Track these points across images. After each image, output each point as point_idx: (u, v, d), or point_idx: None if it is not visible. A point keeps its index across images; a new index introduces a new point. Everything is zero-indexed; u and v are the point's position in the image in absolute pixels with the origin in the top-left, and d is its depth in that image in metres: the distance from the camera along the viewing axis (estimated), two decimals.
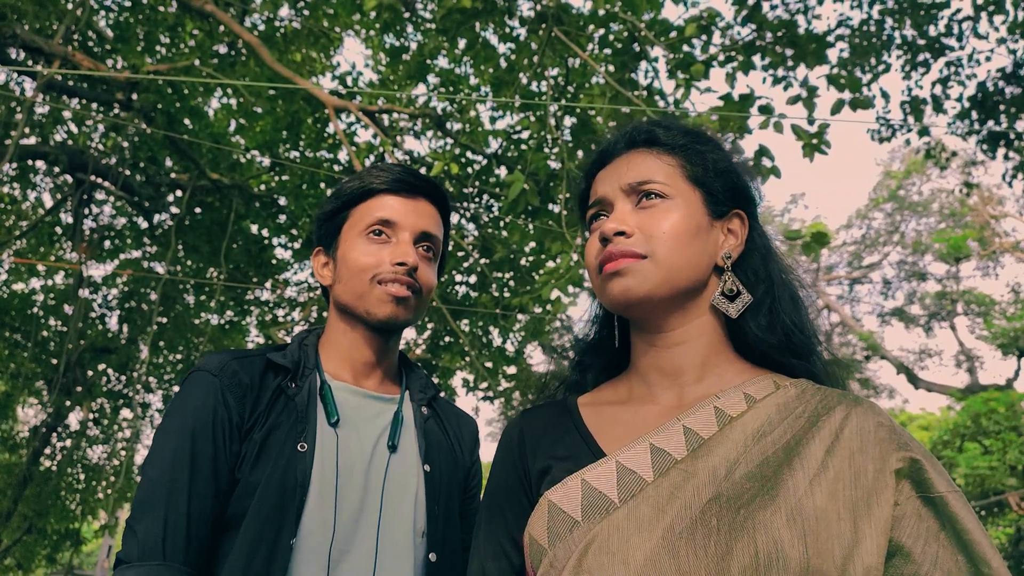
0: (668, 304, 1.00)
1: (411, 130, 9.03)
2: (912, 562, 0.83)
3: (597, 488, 0.91)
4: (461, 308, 8.98)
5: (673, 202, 1.02)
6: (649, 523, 0.85)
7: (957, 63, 8.65)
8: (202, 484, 1.17)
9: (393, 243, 1.36)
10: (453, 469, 1.40)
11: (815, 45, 5.68)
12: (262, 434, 1.22)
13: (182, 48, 8.89)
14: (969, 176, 11.76)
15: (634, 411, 1.01)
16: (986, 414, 16.75)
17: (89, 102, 8.40)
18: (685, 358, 1.01)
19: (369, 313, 1.33)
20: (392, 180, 1.40)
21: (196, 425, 1.20)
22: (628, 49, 5.78)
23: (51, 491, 10.64)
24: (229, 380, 1.25)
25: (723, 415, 0.93)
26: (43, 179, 9.82)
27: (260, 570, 1.13)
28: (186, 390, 1.26)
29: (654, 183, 1.03)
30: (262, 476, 1.18)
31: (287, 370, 1.31)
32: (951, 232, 22.01)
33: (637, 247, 0.99)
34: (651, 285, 0.98)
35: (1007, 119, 8.45)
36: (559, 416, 1.08)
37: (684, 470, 0.88)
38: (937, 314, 22.55)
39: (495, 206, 8.79)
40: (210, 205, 9.22)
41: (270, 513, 1.16)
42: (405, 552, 1.25)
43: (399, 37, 8.63)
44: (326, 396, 1.30)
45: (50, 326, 10.35)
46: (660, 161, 1.05)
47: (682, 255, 0.99)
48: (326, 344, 1.40)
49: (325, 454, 1.24)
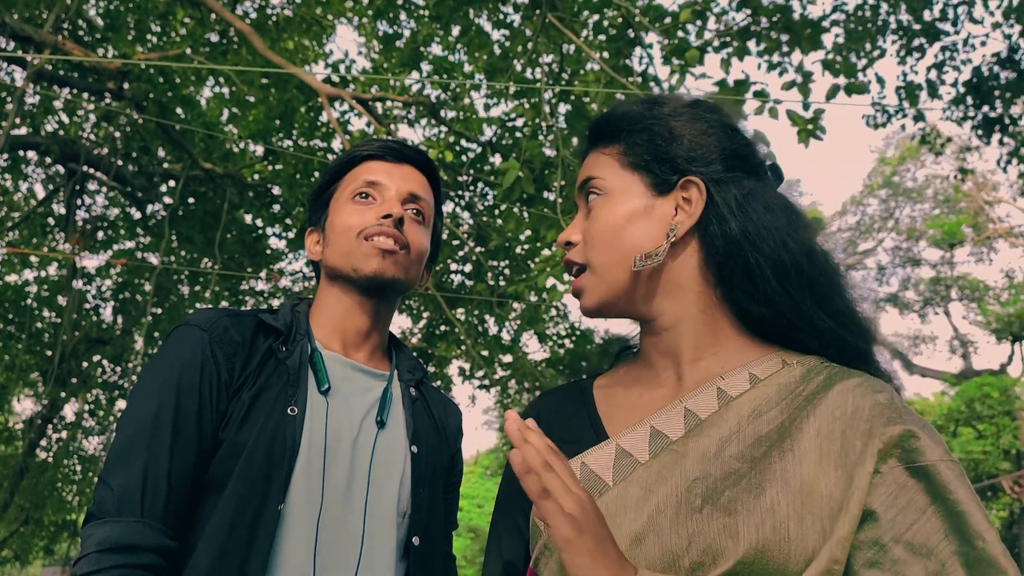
0: (628, 299, 0.98)
1: (405, 118, 8.99)
2: (876, 527, 0.78)
3: (594, 471, 0.91)
4: (457, 296, 8.97)
5: (608, 197, 0.99)
6: (637, 504, 0.85)
7: (952, 48, 8.64)
8: (185, 442, 1.11)
9: (379, 202, 1.34)
10: (438, 454, 1.37)
11: (810, 30, 5.66)
12: (251, 395, 1.18)
13: (173, 36, 8.83)
14: (964, 162, 11.75)
15: (640, 393, 1.00)
16: (980, 399, 16.86)
17: (80, 91, 8.34)
18: (677, 340, 0.97)
19: (356, 270, 1.29)
20: (378, 147, 1.39)
21: (182, 380, 1.14)
22: (623, 35, 5.76)
23: (47, 482, 10.65)
24: (219, 336, 1.20)
25: (724, 396, 0.91)
26: (35, 170, 9.77)
27: (245, 535, 1.08)
28: (172, 344, 1.20)
29: (591, 180, 1.01)
30: (249, 438, 1.14)
31: (278, 333, 1.27)
32: (945, 218, 22.05)
33: (578, 257, 1.00)
34: (597, 296, 0.98)
35: (1002, 104, 8.44)
36: (572, 398, 1.08)
37: (675, 451, 0.87)
38: (931, 300, 22.62)
39: (490, 194, 8.77)
40: (203, 195, 9.18)
41: (257, 477, 1.12)
42: (389, 532, 1.23)
43: (392, 24, 8.58)
44: (316, 363, 1.26)
45: (44, 317, 10.31)
46: (602, 156, 1.02)
47: (615, 252, 0.95)
48: (316, 313, 1.36)
49: (315, 421, 1.20)
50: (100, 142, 8.85)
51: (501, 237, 7.90)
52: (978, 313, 21.12)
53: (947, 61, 8.67)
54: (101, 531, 1.02)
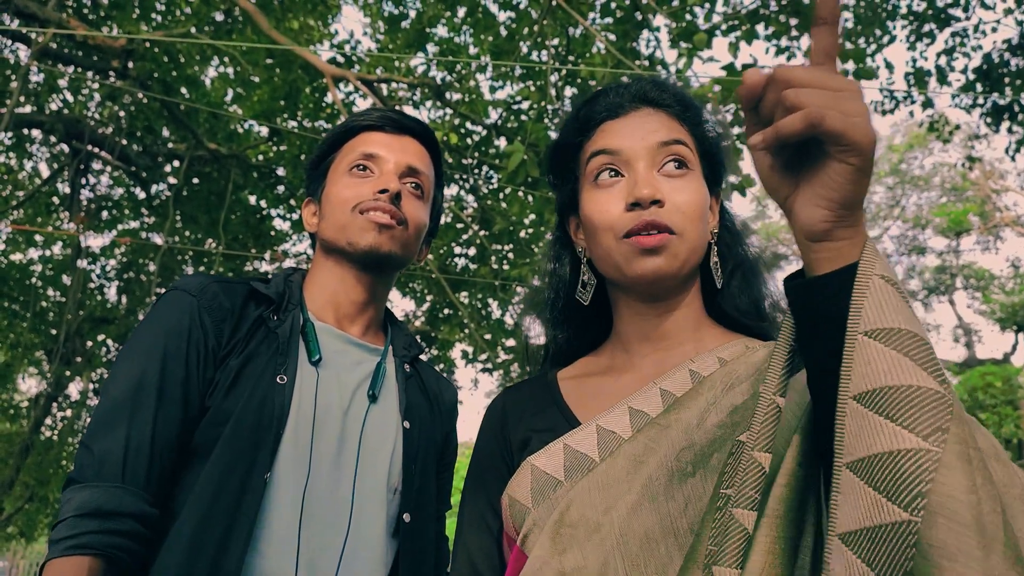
0: (685, 278, 1.00)
1: (410, 99, 8.95)
2: None
3: (579, 450, 0.92)
4: (460, 280, 8.97)
5: (694, 174, 1.00)
6: (627, 475, 0.86)
7: (963, 34, 8.55)
8: (170, 407, 1.09)
9: (376, 175, 1.31)
10: (431, 432, 1.35)
11: None
12: (239, 362, 1.15)
13: (178, 15, 8.78)
14: (972, 150, 11.68)
15: (613, 380, 1.02)
16: (983, 388, 16.86)
17: (85, 70, 8.31)
18: (671, 324, 1.02)
19: (351, 243, 1.27)
20: (377, 117, 1.36)
21: (168, 345, 1.12)
22: (630, 17, 5.71)
23: (52, 460, 10.73)
24: (209, 302, 1.17)
25: (697, 376, 0.95)
26: (39, 148, 9.76)
27: (230, 503, 1.06)
28: (160, 308, 1.18)
29: (681, 147, 0.99)
30: (236, 405, 1.11)
31: (270, 301, 1.24)
32: (952, 206, 21.95)
33: (670, 221, 0.95)
34: (680, 263, 0.96)
35: (1012, 91, 8.37)
36: (540, 391, 1.08)
37: (658, 424, 0.89)
38: (936, 288, 22.56)
39: (494, 177, 8.74)
40: (208, 175, 9.17)
41: (243, 445, 1.09)
42: (378, 507, 1.20)
43: (398, 5, 8.52)
44: (308, 334, 1.24)
45: (49, 296, 10.35)
46: (681, 127, 1.02)
47: (700, 233, 0.99)
48: (311, 284, 1.33)
49: (304, 390, 1.17)
50: (105, 121, 8.83)
51: (505, 220, 7.89)
52: (983, 302, 21.07)
53: (957, 47, 8.59)
54: (80, 495, 1.01)
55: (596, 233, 1.00)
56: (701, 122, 1.04)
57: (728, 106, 4.83)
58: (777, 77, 0.67)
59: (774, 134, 0.67)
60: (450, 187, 8.79)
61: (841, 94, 0.65)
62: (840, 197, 0.67)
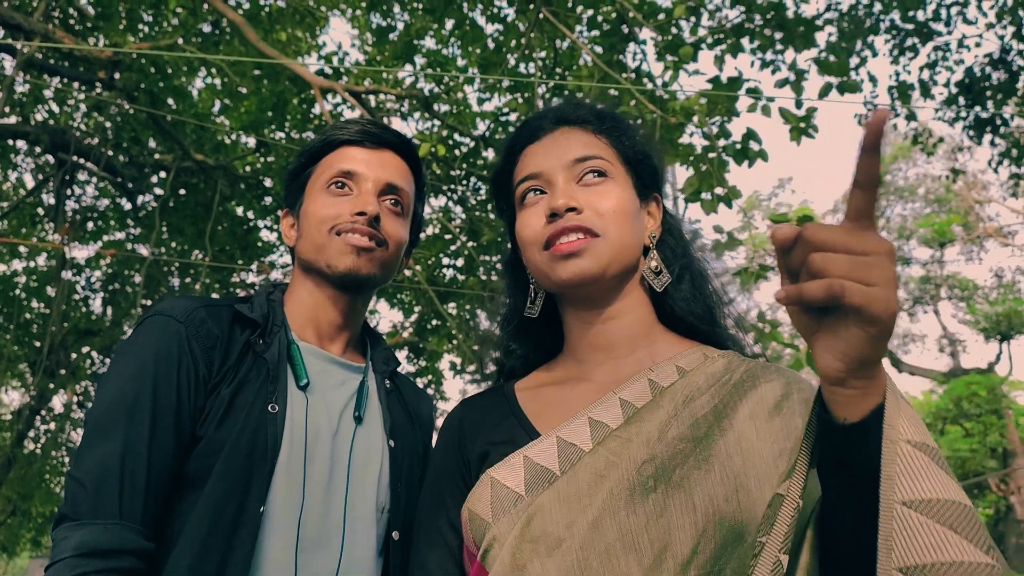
0: (613, 280, 1.02)
1: (398, 111, 8.95)
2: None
3: (539, 463, 0.92)
4: (448, 291, 8.96)
5: (614, 181, 1.04)
6: (589, 489, 0.86)
7: (945, 48, 8.66)
8: (164, 438, 1.06)
9: (355, 194, 1.28)
10: (414, 447, 1.34)
11: (803, 28, 5.67)
12: (230, 391, 1.13)
13: (165, 26, 8.76)
14: (955, 162, 11.80)
15: (570, 390, 1.03)
16: (968, 397, 16.97)
17: (70, 80, 8.27)
18: (618, 332, 1.03)
19: (330, 266, 1.25)
20: (356, 131, 1.33)
21: (159, 373, 1.08)
22: (617, 30, 5.75)
23: (36, 474, 10.59)
24: (197, 329, 1.14)
25: (656, 386, 0.96)
26: (24, 159, 9.69)
27: (226, 534, 1.04)
28: (145, 334, 1.14)
29: (598, 160, 1.04)
30: (229, 436, 1.09)
31: (255, 324, 1.22)
32: (936, 217, 22.15)
33: (589, 224, 0.99)
34: (604, 264, 0.99)
35: (994, 105, 8.47)
36: (497, 403, 1.09)
37: (619, 436, 0.90)
38: (921, 299, 22.73)
39: (482, 188, 8.75)
40: (195, 186, 9.13)
41: (237, 476, 1.07)
42: (369, 527, 1.20)
43: (385, 17, 8.54)
44: (294, 357, 1.22)
45: (33, 308, 10.25)
46: (597, 140, 1.06)
47: (626, 235, 1.01)
48: (291, 302, 1.31)
49: (295, 418, 1.16)
50: (90, 132, 8.78)
51: (493, 232, 7.89)
52: (967, 312, 21.24)
53: (940, 61, 8.69)
54: (77, 534, 0.97)
55: (525, 249, 1.05)
56: (621, 133, 1.08)
57: (714, 118, 4.86)
58: (806, 237, 0.68)
59: (797, 296, 0.68)
60: (438, 198, 8.80)
61: (868, 260, 0.66)
62: (856, 355, 0.69)
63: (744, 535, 0.80)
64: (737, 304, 1.12)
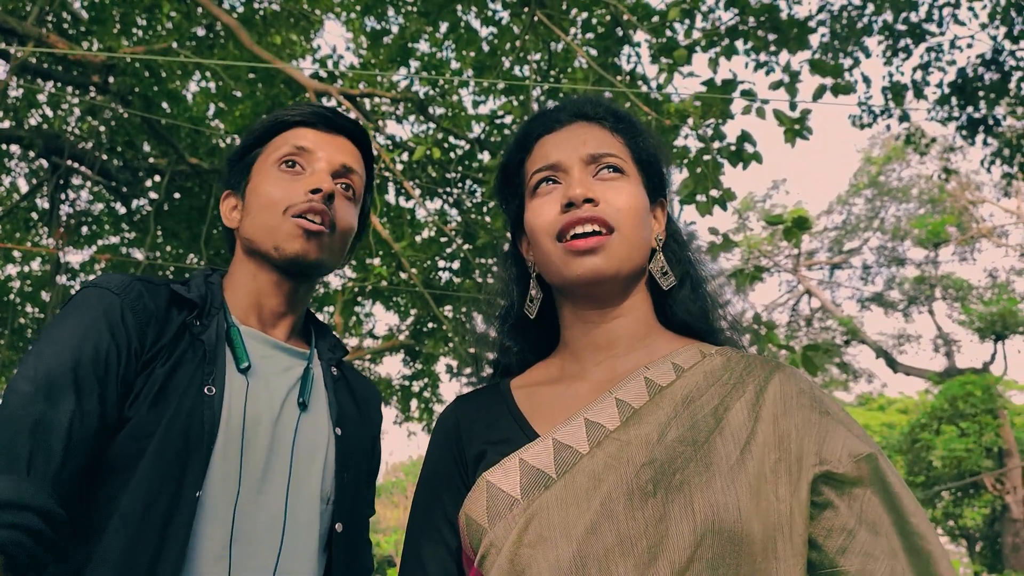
0: (626, 279, 1.02)
1: (393, 114, 8.96)
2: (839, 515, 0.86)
3: (535, 466, 0.91)
4: (444, 293, 8.96)
5: (629, 179, 1.04)
6: (587, 493, 0.86)
7: (938, 49, 8.70)
8: (87, 407, 0.98)
9: (307, 174, 1.23)
10: (361, 437, 1.29)
11: (797, 30, 5.68)
12: (164, 371, 1.07)
13: (159, 30, 8.75)
14: (948, 162, 11.85)
15: (565, 389, 1.02)
16: (963, 397, 17.02)
17: (64, 85, 8.26)
18: (620, 331, 1.03)
19: (277, 248, 1.19)
20: (309, 113, 1.28)
21: (84, 342, 1.02)
22: (611, 33, 5.76)
23: None
24: (132, 302, 1.08)
25: (653, 385, 0.95)
26: (18, 164, 9.67)
27: (160, 522, 0.99)
28: (78, 306, 1.07)
29: (615, 157, 1.04)
30: (162, 418, 1.03)
31: (192, 305, 1.16)
32: (930, 218, 22.22)
33: (605, 216, 0.98)
34: (619, 262, 0.99)
35: (986, 105, 8.52)
36: (493, 401, 1.07)
37: (617, 439, 0.89)
38: (916, 299, 22.79)
39: (478, 191, 8.75)
40: (189, 190, 9.12)
41: (173, 460, 1.02)
42: (312, 519, 1.15)
43: (380, 20, 8.55)
44: (234, 339, 1.16)
45: (27, 313, 10.22)
46: (613, 139, 1.07)
47: (639, 233, 1.01)
48: (231, 286, 1.25)
49: (233, 401, 1.10)
50: (85, 136, 8.77)
51: (489, 234, 7.89)
52: (962, 312, 21.31)
53: (932, 62, 8.73)
54: None
55: (536, 238, 1.04)
56: (635, 135, 1.09)
57: (708, 121, 4.88)
58: None
59: None
60: (434, 201, 8.80)
61: None
62: None
63: (742, 545, 0.80)
64: (733, 305, 1.14)
